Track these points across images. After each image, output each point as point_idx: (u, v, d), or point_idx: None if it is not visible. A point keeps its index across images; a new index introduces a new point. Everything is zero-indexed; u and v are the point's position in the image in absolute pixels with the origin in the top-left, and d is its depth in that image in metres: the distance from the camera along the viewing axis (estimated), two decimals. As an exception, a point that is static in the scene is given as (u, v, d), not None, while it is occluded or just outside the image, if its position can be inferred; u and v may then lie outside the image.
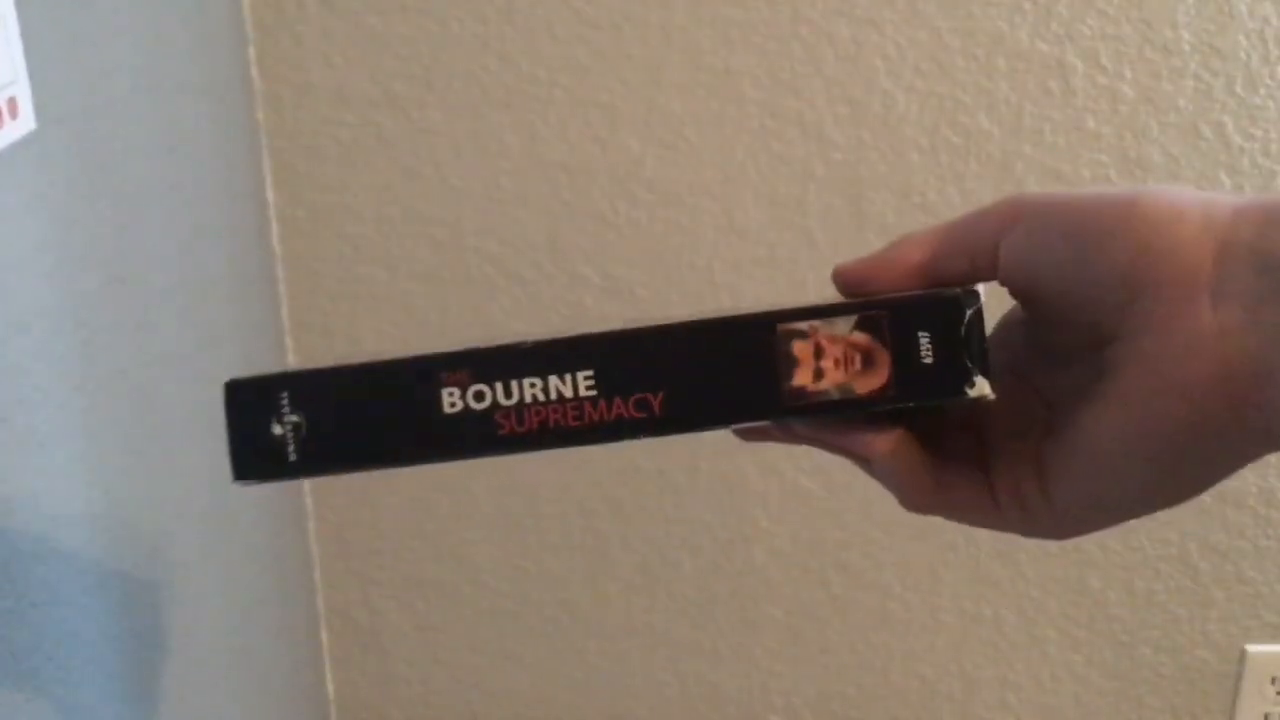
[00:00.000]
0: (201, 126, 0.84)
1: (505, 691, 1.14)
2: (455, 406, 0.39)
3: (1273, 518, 1.05)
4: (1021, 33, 0.92)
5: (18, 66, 0.57)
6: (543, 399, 0.39)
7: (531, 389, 0.39)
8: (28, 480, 0.58)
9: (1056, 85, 0.94)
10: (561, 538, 1.08)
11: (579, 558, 1.09)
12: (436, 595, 1.10)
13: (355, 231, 0.99)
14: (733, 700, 1.14)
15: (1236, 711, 1.11)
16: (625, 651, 1.12)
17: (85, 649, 0.64)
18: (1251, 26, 0.92)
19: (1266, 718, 1.11)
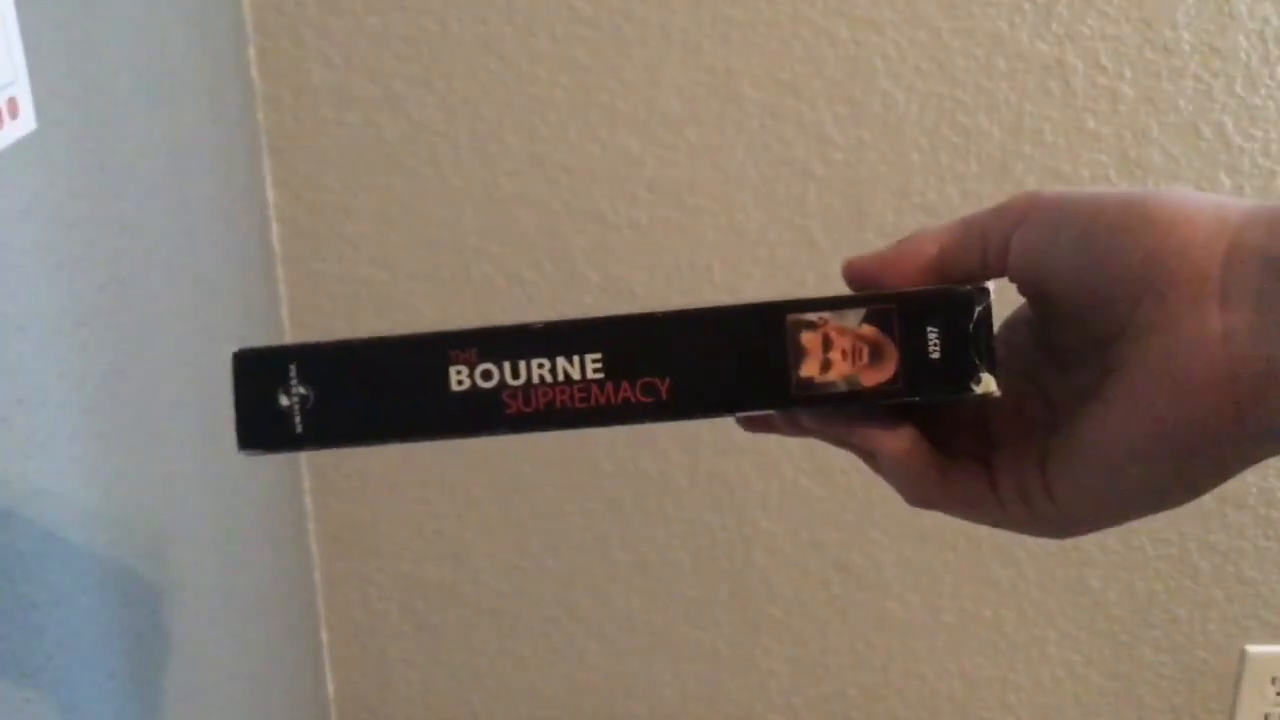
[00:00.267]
0: (202, 126, 0.84)
1: (505, 691, 1.14)
2: (463, 385, 0.39)
3: (1273, 518, 1.05)
4: (1021, 33, 0.92)
5: (18, 66, 0.57)
6: (550, 380, 0.39)
7: (539, 369, 0.39)
8: (27, 480, 0.58)
9: (1056, 85, 0.94)
10: (561, 538, 1.08)
11: (579, 558, 1.08)
12: (436, 595, 1.10)
13: (355, 231, 0.99)
14: (732, 700, 1.14)
15: (1236, 712, 1.11)
16: (625, 652, 1.12)
17: (85, 649, 0.64)
18: (1252, 27, 0.92)
19: (1267, 718, 1.11)
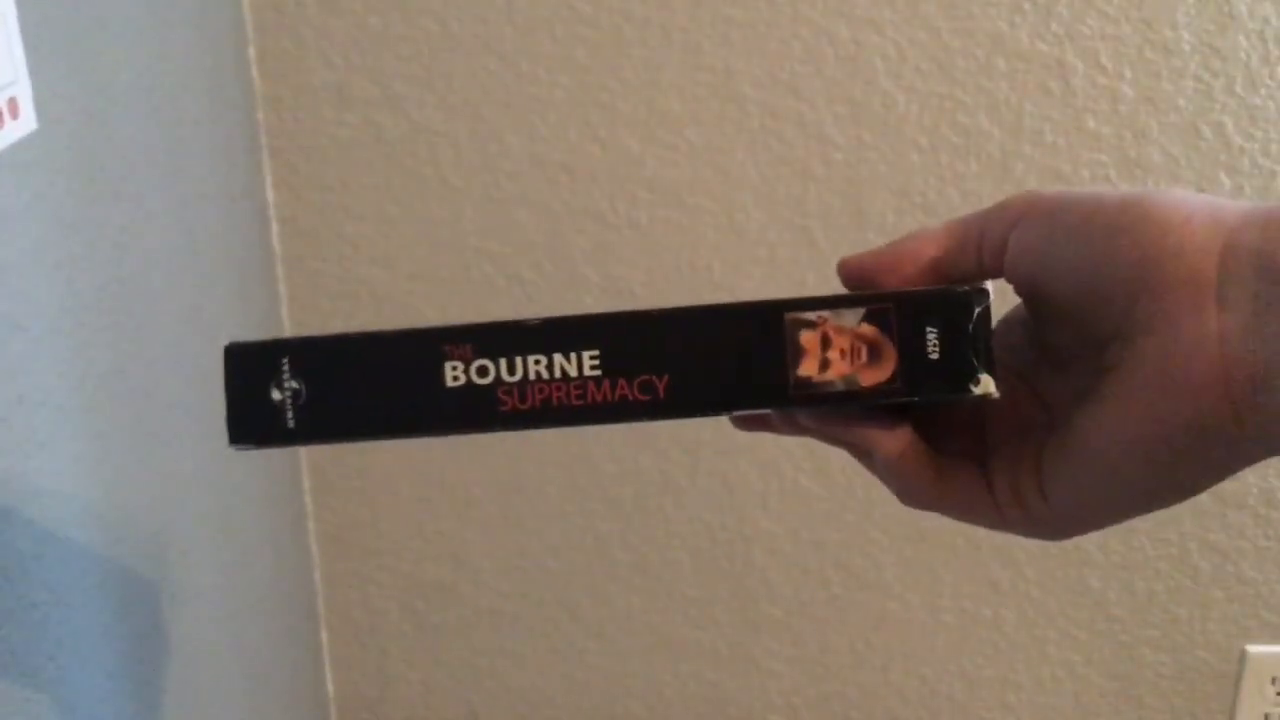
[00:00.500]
0: (202, 126, 0.84)
1: (505, 691, 1.14)
2: (458, 380, 0.39)
3: (1273, 518, 1.05)
4: (1021, 33, 0.92)
5: (19, 66, 0.57)
6: (546, 377, 0.38)
7: (536, 366, 0.39)
8: (27, 480, 0.58)
9: (1056, 85, 0.94)
10: (561, 538, 1.08)
11: (579, 558, 1.08)
12: (436, 595, 1.10)
13: (355, 231, 0.99)
14: (732, 700, 1.14)
15: (1236, 712, 1.11)
16: (625, 651, 1.12)
17: (85, 649, 0.64)
18: (1252, 27, 0.92)
19: (1267, 718, 1.11)
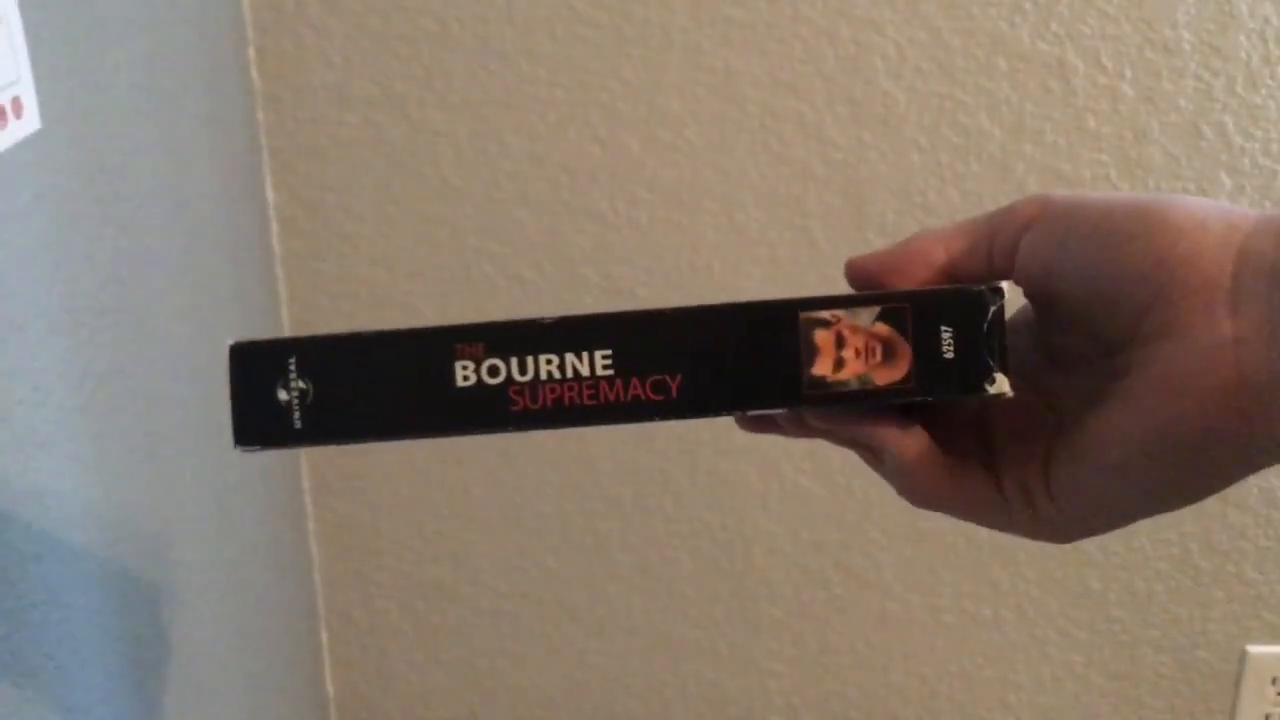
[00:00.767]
0: (202, 126, 0.84)
1: (505, 691, 1.14)
2: (468, 380, 0.38)
3: (1274, 518, 1.05)
4: (1022, 33, 0.92)
5: (22, 66, 0.57)
6: (558, 376, 0.38)
7: (548, 365, 0.38)
8: (27, 480, 0.58)
9: (1057, 85, 0.94)
10: (561, 538, 1.08)
11: (579, 558, 1.09)
12: (436, 595, 1.10)
13: (355, 231, 0.99)
14: (733, 700, 1.14)
15: (1237, 712, 1.11)
16: (625, 652, 1.12)
17: (85, 649, 0.64)
18: (1252, 26, 0.92)
19: (1267, 718, 1.11)
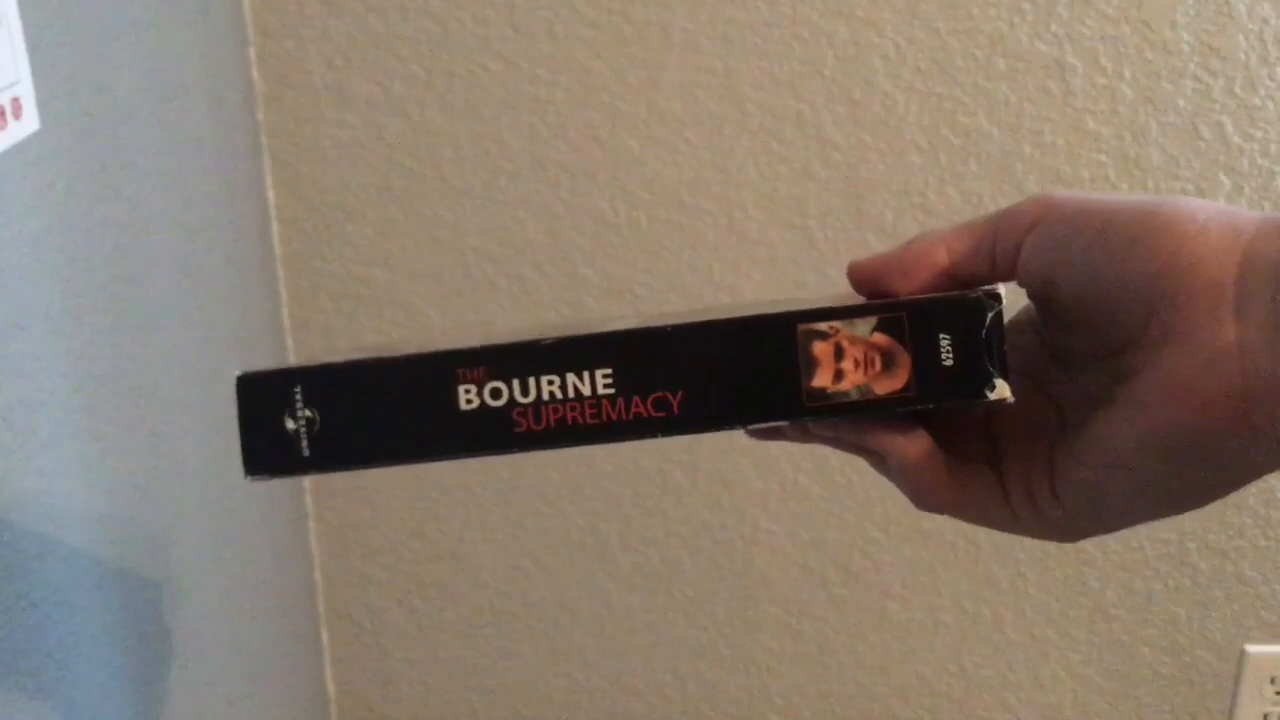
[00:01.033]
0: (203, 127, 0.84)
1: (505, 690, 1.14)
2: (472, 403, 0.38)
3: (1272, 518, 1.05)
4: (1021, 33, 0.93)
5: (21, 67, 0.57)
6: (560, 397, 0.38)
7: (549, 386, 0.38)
8: (29, 480, 0.58)
9: (1056, 86, 0.94)
10: (561, 537, 1.08)
11: (579, 557, 1.09)
12: (436, 595, 1.10)
13: (355, 231, 0.99)
14: (732, 699, 1.14)
15: (1235, 711, 1.11)
16: (625, 651, 1.12)
17: (87, 648, 0.64)
18: (1251, 27, 0.92)
19: (1266, 718, 1.11)
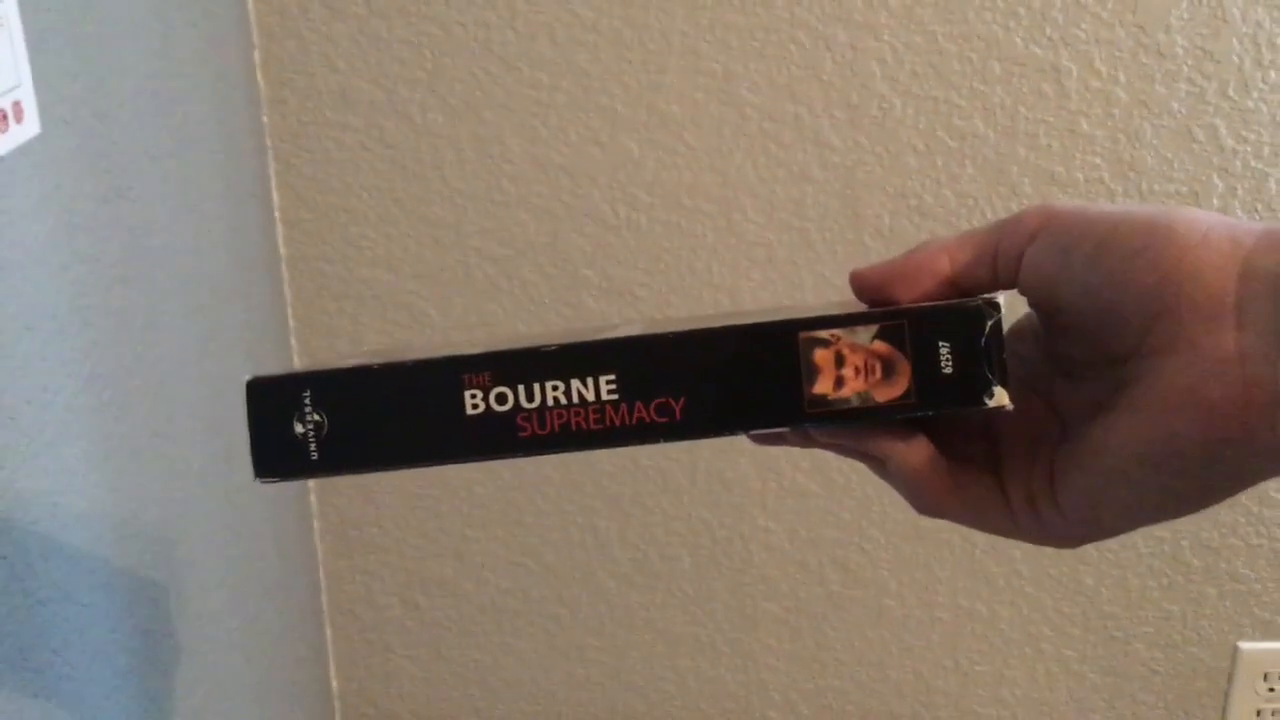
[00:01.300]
0: (206, 130, 0.85)
1: (506, 686, 1.15)
2: (477, 408, 0.39)
3: (1264, 516, 1.05)
4: (1016, 37, 0.93)
5: (22, 70, 0.57)
6: (564, 402, 0.39)
7: (554, 392, 0.39)
8: (35, 479, 0.59)
9: (1051, 89, 0.94)
10: (562, 535, 1.09)
11: (579, 555, 1.09)
12: (439, 592, 1.11)
13: (359, 233, 1.00)
14: (731, 696, 1.14)
15: (1229, 707, 1.11)
16: (625, 648, 1.13)
17: (92, 646, 0.64)
18: (1244, 31, 0.92)
19: (1258, 714, 1.11)
